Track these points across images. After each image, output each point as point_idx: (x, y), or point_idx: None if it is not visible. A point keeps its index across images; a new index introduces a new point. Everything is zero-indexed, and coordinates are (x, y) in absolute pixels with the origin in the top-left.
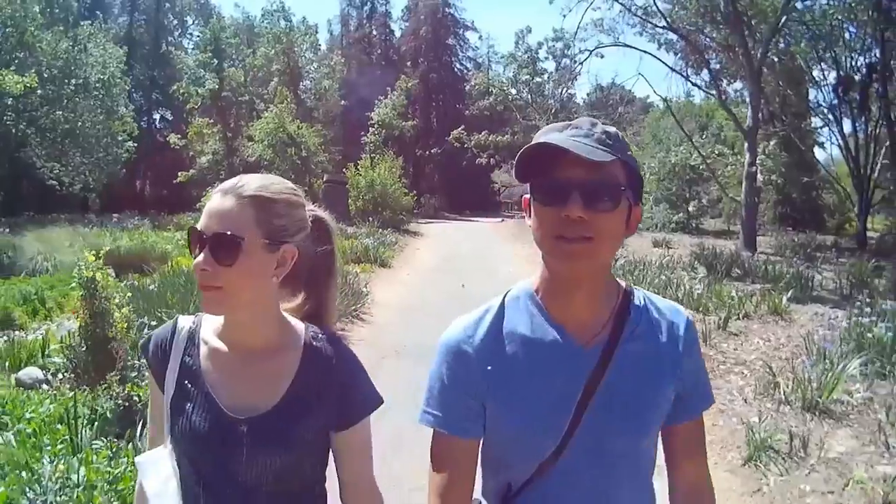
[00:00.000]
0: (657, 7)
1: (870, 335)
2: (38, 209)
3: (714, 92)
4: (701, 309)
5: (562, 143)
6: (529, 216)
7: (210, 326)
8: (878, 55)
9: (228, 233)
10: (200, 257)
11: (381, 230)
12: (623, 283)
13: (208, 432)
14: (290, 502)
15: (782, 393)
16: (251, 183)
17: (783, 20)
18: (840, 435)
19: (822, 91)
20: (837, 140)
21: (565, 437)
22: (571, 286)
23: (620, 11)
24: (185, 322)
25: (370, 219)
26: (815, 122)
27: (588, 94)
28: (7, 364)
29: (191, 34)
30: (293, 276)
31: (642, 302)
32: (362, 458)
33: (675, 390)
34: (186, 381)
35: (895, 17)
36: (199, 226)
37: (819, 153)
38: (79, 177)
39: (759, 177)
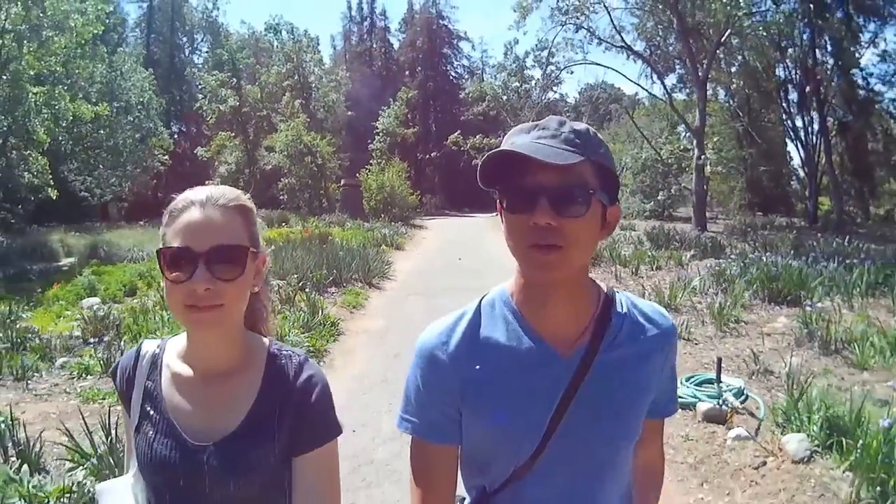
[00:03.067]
0: (616, 30)
1: (717, 269)
2: (63, 219)
3: (666, 99)
4: (627, 265)
5: (525, 149)
6: (503, 219)
7: (173, 350)
8: (811, 61)
9: (232, 244)
10: (198, 277)
11: (392, 224)
12: (604, 287)
13: (170, 460)
14: None
15: (647, 299)
16: (227, 192)
17: (726, 34)
18: (678, 319)
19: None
20: (789, 133)
21: (541, 444)
22: (547, 293)
23: (585, 36)
24: (148, 347)
25: (382, 215)
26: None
27: (579, 93)
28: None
29: (199, 50)
30: None
31: (624, 307)
32: (320, 495)
33: (654, 394)
34: (148, 408)
35: (822, 26)
36: (180, 243)
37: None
38: (109, 188)
39: (707, 168)
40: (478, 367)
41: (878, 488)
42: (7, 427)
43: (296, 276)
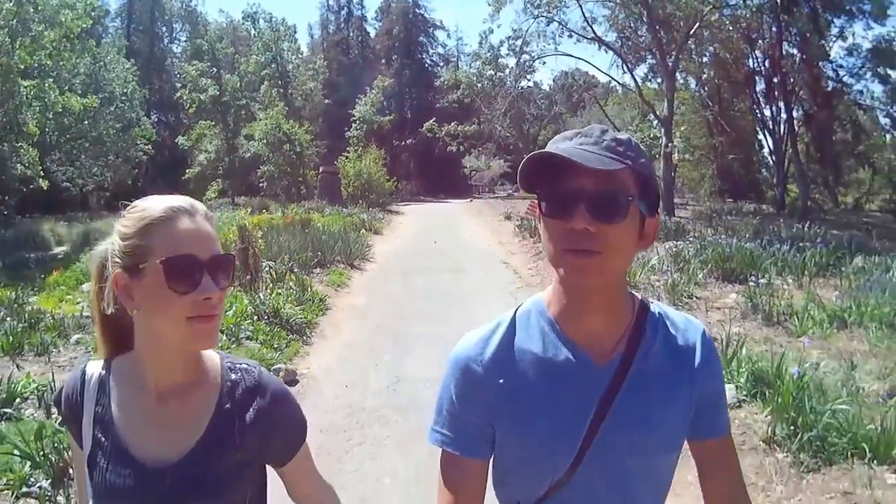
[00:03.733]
0: (588, 23)
1: (674, 249)
2: (44, 210)
3: (635, 90)
4: None
5: (567, 153)
6: (541, 223)
7: (120, 370)
8: (778, 53)
9: (226, 253)
10: (207, 286)
11: (370, 209)
12: (639, 297)
13: (127, 488)
14: None
15: None
16: (197, 202)
17: (695, 27)
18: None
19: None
20: (759, 122)
21: (577, 457)
22: (583, 301)
23: (557, 28)
24: (93, 368)
25: (360, 201)
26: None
27: (553, 80)
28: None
29: (178, 39)
30: None
31: (658, 317)
32: (309, 478)
33: (693, 407)
34: (99, 435)
35: (788, 20)
36: (182, 252)
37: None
38: (91, 177)
39: (675, 156)
40: (513, 378)
41: (792, 427)
42: (50, 387)
43: (287, 256)
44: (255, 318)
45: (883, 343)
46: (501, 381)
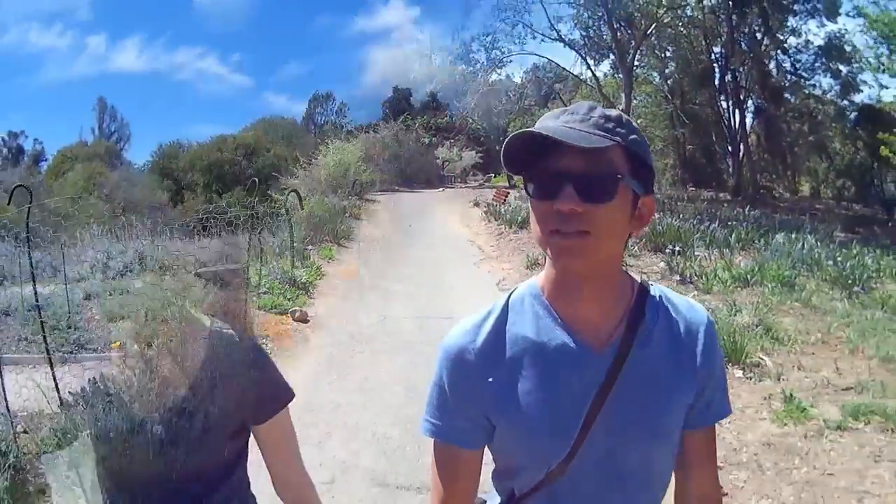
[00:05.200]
0: (552, 24)
1: None
2: None
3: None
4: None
5: (550, 132)
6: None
7: None
8: (730, 51)
9: None
10: None
11: (349, 198)
12: (638, 280)
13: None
14: (210, 488)
15: None
16: None
17: (652, 27)
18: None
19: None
20: (715, 115)
21: (574, 447)
22: (576, 285)
23: (523, 28)
24: None
25: (338, 191)
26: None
27: (525, 73)
28: None
29: None
30: None
31: (659, 301)
32: (286, 449)
33: (692, 396)
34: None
35: (735, 23)
36: None
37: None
38: None
39: None
40: (507, 365)
41: None
42: None
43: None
44: (269, 277)
45: (775, 297)
46: (494, 368)
